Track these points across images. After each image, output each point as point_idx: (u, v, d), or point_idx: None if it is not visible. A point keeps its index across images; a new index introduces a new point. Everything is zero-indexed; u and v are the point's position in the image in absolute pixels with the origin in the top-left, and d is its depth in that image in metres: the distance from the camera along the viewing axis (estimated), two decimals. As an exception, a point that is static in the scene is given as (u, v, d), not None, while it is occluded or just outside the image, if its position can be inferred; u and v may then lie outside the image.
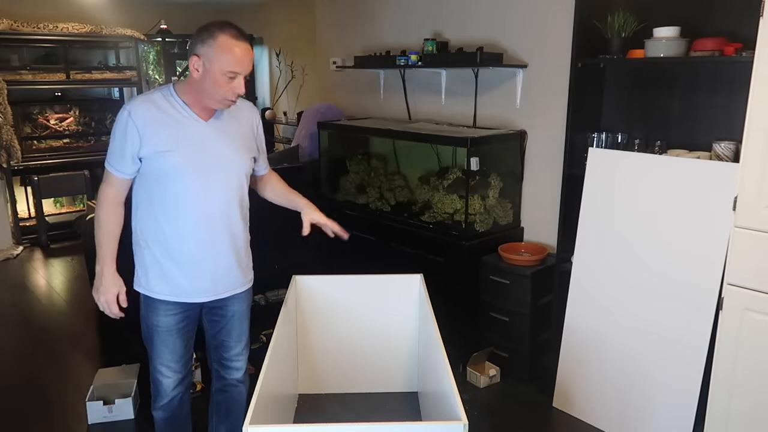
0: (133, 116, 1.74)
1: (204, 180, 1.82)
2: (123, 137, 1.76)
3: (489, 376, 2.98)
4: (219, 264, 1.92)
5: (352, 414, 2.68)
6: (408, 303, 2.71)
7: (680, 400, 2.33)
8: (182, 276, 1.88)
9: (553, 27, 3.06)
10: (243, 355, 2.12)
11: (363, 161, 3.98)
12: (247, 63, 1.75)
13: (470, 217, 3.15)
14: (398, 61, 3.69)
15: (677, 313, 2.32)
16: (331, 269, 2.79)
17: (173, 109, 1.80)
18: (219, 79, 1.72)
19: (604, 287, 2.55)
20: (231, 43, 1.71)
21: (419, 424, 2.18)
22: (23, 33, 5.24)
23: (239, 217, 1.95)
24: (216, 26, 1.73)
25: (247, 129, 1.97)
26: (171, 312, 1.91)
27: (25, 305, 4.12)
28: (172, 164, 1.78)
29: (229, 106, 1.82)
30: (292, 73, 5.81)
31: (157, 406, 2.04)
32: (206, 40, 1.72)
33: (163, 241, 1.86)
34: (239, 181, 1.92)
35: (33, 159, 5.47)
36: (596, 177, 2.56)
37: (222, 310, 2.01)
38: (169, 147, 1.77)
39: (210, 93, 1.76)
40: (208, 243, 1.88)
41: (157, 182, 1.81)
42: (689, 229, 2.27)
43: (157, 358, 1.96)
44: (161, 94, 1.82)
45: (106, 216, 1.83)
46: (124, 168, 1.80)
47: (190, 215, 1.83)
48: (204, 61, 1.72)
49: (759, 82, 1.94)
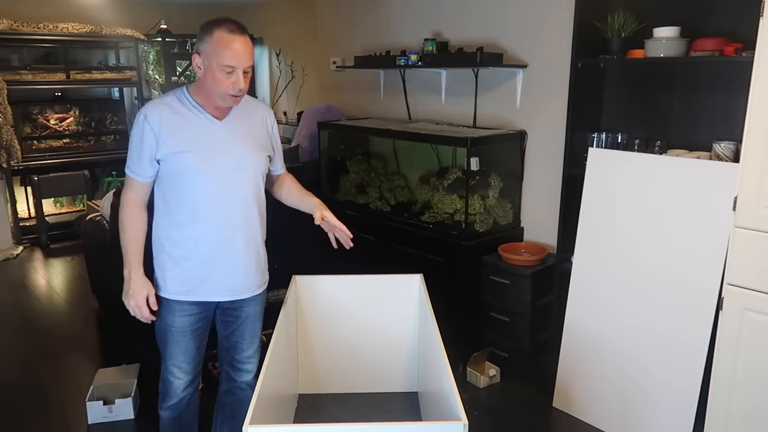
0: (149, 119, 1.77)
1: (220, 179, 1.83)
2: (140, 141, 1.79)
3: (489, 376, 2.98)
4: (237, 264, 1.93)
5: (352, 414, 2.68)
6: (408, 303, 2.71)
7: (680, 399, 2.32)
8: (200, 276, 1.89)
9: (553, 27, 3.06)
10: (254, 358, 2.12)
11: (363, 161, 3.98)
12: (243, 56, 1.74)
13: (470, 217, 3.15)
14: (398, 61, 3.69)
15: (677, 313, 2.32)
16: (331, 269, 2.78)
17: (187, 110, 1.82)
18: (218, 75, 1.73)
19: (604, 287, 2.55)
20: (227, 38, 1.72)
21: (419, 424, 2.18)
22: (23, 33, 5.24)
23: (257, 216, 1.95)
24: (214, 22, 1.75)
25: (262, 128, 1.98)
26: (187, 313, 1.92)
27: (25, 305, 4.12)
28: (189, 164, 1.79)
29: (235, 102, 1.83)
30: (292, 73, 5.81)
31: (165, 406, 2.03)
32: (205, 36, 1.74)
33: (181, 242, 1.87)
34: (256, 180, 1.93)
35: (33, 159, 5.47)
36: (596, 177, 2.56)
37: (237, 311, 2.02)
38: (185, 147, 1.79)
39: (212, 89, 1.77)
40: (226, 243, 1.89)
41: (175, 183, 1.83)
42: (689, 229, 2.27)
43: (170, 358, 1.96)
44: (175, 96, 1.84)
45: (130, 220, 1.84)
46: (143, 171, 1.82)
47: (207, 215, 1.84)
48: (204, 58, 1.75)
49: (759, 82, 1.94)
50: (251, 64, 1.79)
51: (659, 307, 2.37)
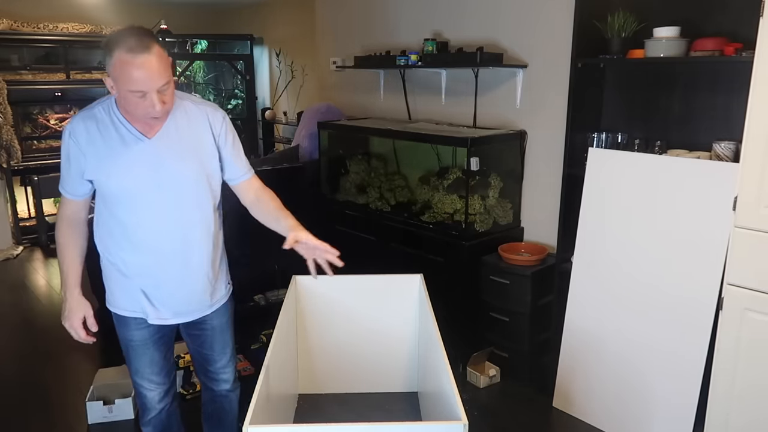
0: (74, 136, 1.63)
1: (152, 203, 1.67)
2: (67, 159, 1.67)
3: (489, 376, 2.98)
4: (188, 289, 1.80)
5: (352, 414, 2.68)
6: (408, 303, 2.71)
7: (680, 398, 2.32)
8: (151, 301, 1.77)
9: (553, 27, 3.06)
10: (229, 367, 2.02)
11: (363, 161, 3.98)
12: (149, 80, 1.50)
13: (470, 217, 3.15)
14: (398, 61, 3.69)
15: (677, 313, 2.32)
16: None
17: (113, 127, 1.64)
18: (130, 99, 1.54)
19: (605, 287, 2.54)
20: (126, 62, 1.48)
21: (419, 424, 2.18)
22: (23, 33, 5.25)
23: (204, 237, 1.77)
24: (113, 40, 1.51)
25: (204, 136, 1.74)
26: (143, 325, 1.81)
27: (25, 305, 4.12)
28: (120, 189, 1.66)
29: (158, 121, 1.64)
30: (292, 73, 5.81)
31: (145, 421, 1.95)
32: (107, 58, 1.52)
33: (120, 264, 1.75)
34: (198, 200, 1.74)
35: (33, 159, 5.47)
36: (596, 177, 2.56)
37: (201, 326, 1.90)
38: (111, 169, 1.64)
39: (132, 112, 1.59)
40: (164, 269, 1.74)
41: (110, 206, 1.71)
42: (689, 228, 2.27)
43: (136, 372, 1.87)
44: (103, 107, 1.67)
45: (65, 239, 1.76)
46: (74, 190, 1.72)
47: (148, 243, 1.71)
48: (112, 79, 1.55)
49: (759, 82, 1.94)
50: (164, 81, 1.54)
51: (659, 307, 2.37)
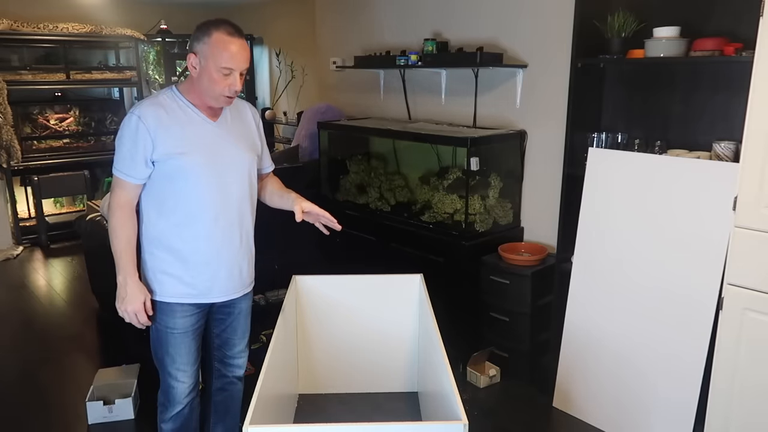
0: (144, 119, 1.73)
1: (218, 180, 1.84)
2: (134, 142, 1.74)
3: (489, 376, 2.98)
4: (234, 264, 1.93)
5: (352, 414, 2.68)
6: (408, 303, 2.71)
7: (680, 398, 2.32)
8: (198, 278, 1.87)
9: (553, 27, 3.06)
10: (245, 352, 2.14)
11: (363, 161, 3.98)
12: (241, 59, 1.75)
13: (470, 217, 3.15)
14: (398, 61, 3.69)
15: (677, 313, 2.32)
16: (331, 269, 2.79)
17: (181, 110, 1.80)
18: (215, 76, 1.73)
19: (604, 287, 2.54)
20: (226, 40, 1.72)
21: (419, 424, 2.18)
22: (23, 33, 5.24)
23: (250, 215, 1.98)
24: (212, 24, 1.75)
25: (251, 128, 1.99)
26: (188, 313, 1.90)
27: (25, 305, 4.11)
28: (187, 166, 1.78)
29: (228, 102, 1.83)
30: (292, 73, 5.81)
31: (166, 417, 1.97)
32: (202, 37, 1.73)
33: (179, 243, 1.84)
34: (250, 179, 1.95)
35: (33, 159, 5.47)
36: (596, 177, 2.56)
37: (230, 308, 2.02)
38: (183, 149, 1.77)
39: (207, 90, 1.77)
40: (223, 243, 1.89)
41: (170, 184, 1.80)
42: (689, 228, 2.27)
43: (172, 363, 1.91)
44: (167, 96, 1.82)
45: (122, 224, 1.79)
46: (136, 173, 1.77)
47: (205, 216, 1.84)
48: (200, 58, 1.74)
49: (759, 82, 1.94)
50: (247, 67, 1.79)
51: (659, 307, 2.37)
